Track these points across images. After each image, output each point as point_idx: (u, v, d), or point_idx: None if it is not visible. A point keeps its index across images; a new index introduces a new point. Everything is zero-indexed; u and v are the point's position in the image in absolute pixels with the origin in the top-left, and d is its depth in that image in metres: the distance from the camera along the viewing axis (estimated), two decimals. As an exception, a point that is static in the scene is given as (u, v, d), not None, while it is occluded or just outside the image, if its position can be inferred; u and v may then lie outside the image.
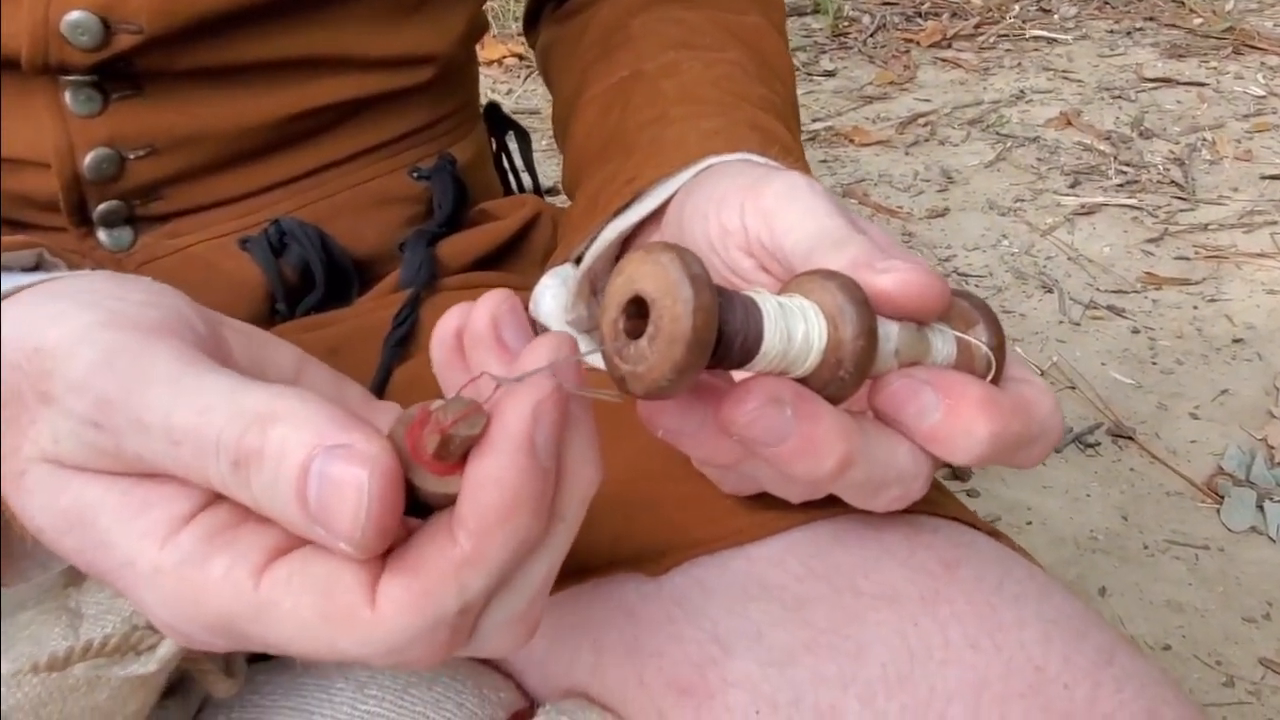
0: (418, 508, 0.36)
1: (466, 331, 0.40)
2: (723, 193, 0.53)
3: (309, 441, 0.34)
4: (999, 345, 0.45)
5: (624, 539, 0.56)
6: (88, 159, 0.65)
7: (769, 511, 0.55)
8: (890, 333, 0.43)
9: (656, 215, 0.61)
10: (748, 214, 0.51)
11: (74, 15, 0.60)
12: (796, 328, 0.40)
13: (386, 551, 0.36)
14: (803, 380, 0.41)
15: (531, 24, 0.89)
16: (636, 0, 0.76)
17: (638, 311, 0.38)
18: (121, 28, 0.61)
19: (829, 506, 0.54)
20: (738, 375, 0.42)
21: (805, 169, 0.61)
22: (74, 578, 0.49)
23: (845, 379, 0.41)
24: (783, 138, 0.63)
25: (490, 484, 0.34)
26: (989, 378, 0.45)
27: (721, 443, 0.42)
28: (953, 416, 0.43)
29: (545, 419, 0.35)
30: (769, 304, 0.40)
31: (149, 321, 0.39)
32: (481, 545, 0.35)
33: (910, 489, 0.45)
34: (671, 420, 0.42)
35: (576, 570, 0.56)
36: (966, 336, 0.45)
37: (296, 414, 0.35)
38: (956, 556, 0.53)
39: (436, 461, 0.35)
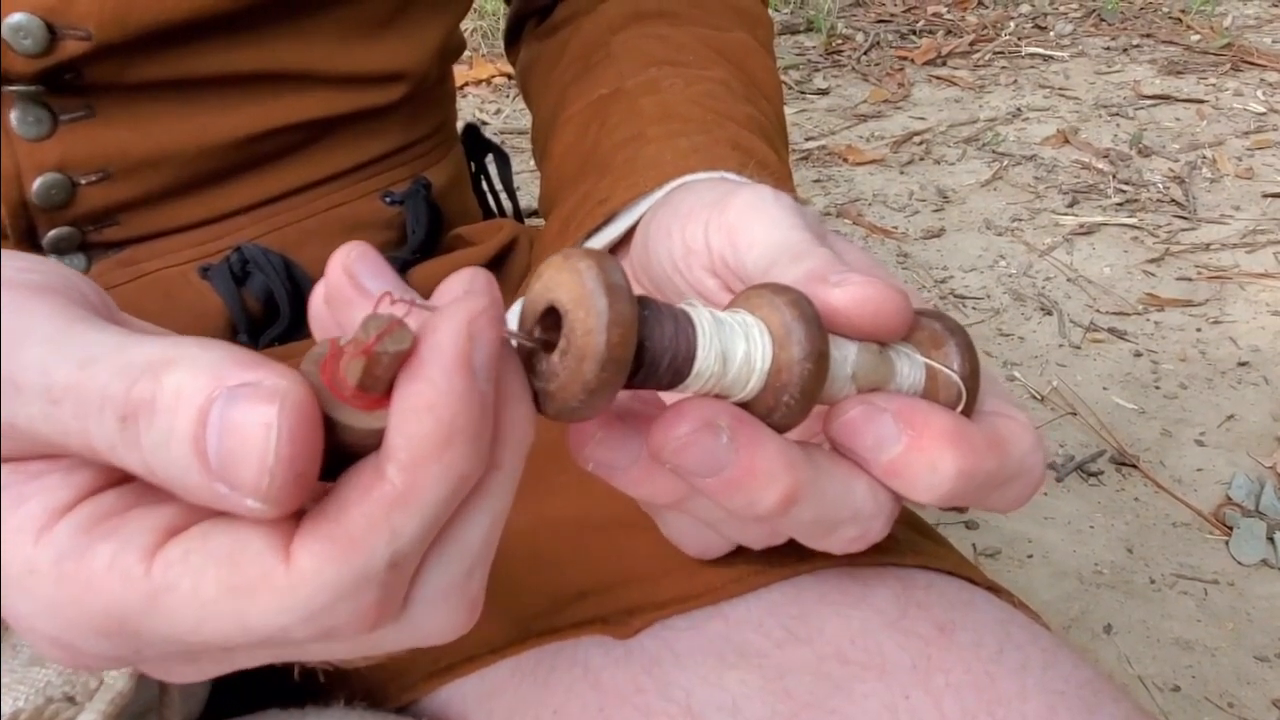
0: (337, 464, 0.32)
1: (327, 296, 0.35)
2: (689, 209, 0.50)
3: (207, 386, 0.29)
4: (972, 373, 0.41)
5: (590, 595, 0.54)
6: (35, 184, 0.62)
7: (747, 565, 0.52)
8: (847, 355, 0.40)
9: (629, 236, 0.58)
10: (711, 231, 0.48)
11: (16, 18, 0.57)
12: (736, 347, 0.37)
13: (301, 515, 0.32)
14: (745, 405, 0.38)
15: (512, 42, 0.88)
16: (619, 17, 0.75)
17: (555, 323, 0.34)
18: (68, 33, 0.58)
19: (812, 559, 0.52)
20: (672, 399, 0.38)
21: (789, 189, 0.58)
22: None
23: (791, 405, 0.37)
24: (765, 156, 0.60)
25: (424, 409, 0.30)
26: (959, 408, 0.41)
27: (659, 478, 0.39)
28: (915, 449, 0.39)
29: (482, 336, 0.31)
30: (704, 319, 0.37)
31: (29, 283, 0.34)
32: (415, 480, 0.30)
33: (869, 529, 0.41)
34: (601, 452, 0.39)
35: (539, 630, 0.54)
36: (935, 363, 0.41)
37: (194, 359, 0.30)
38: (952, 618, 0.51)
39: (360, 394, 0.31)
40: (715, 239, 0.47)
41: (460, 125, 0.88)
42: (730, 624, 0.51)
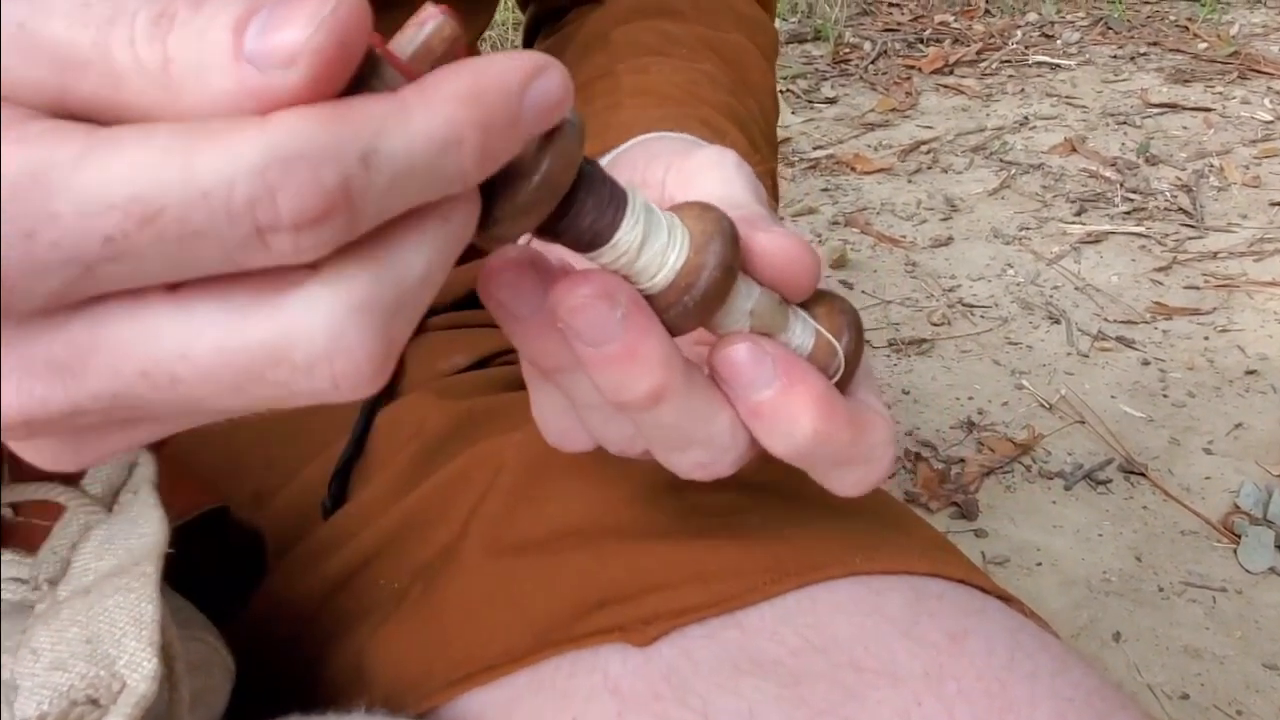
0: None
1: None
2: (656, 151, 0.53)
3: None
4: (855, 351, 0.44)
5: (608, 604, 0.54)
6: None
7: (762, 574, 0.53)
8: (752, 291, 0.42)
9: None
10: (671, 172, 0.50)
11: None
12: (658, 235, 0.39)
13: None
14: (647, 298, 0.40)
15: (528, 47, 0.90)
16: (622, 11, 0.77)
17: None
18: None
19: (825, 568, 0.53)
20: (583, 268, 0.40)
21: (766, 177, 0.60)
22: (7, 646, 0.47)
23: (689, 306, 0.39)
24: (735, 140, 0.62)
25: (467, 72, 0.30)
26: (835, 380, 0.44)
27: (549, 339, 0.40)
28: (783, 399, 0.41)
29: (543, 89, 0.32)
30: (638, 201, 0.39)
31: None
32: (428, 104, 0.29)
33: (718, 460, 0.43)
34: (506, 294, 0.40)
35: (557, 639, 0.54)
36: (825, 332, 0.44)
37: None
38: (964, 627, 0.51)
39: (412, 64, 0.31)
40: (671, 180, 0.49)
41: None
42: (746, 632, 0.52)
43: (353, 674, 0.60)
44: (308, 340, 0.29)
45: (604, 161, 0.59)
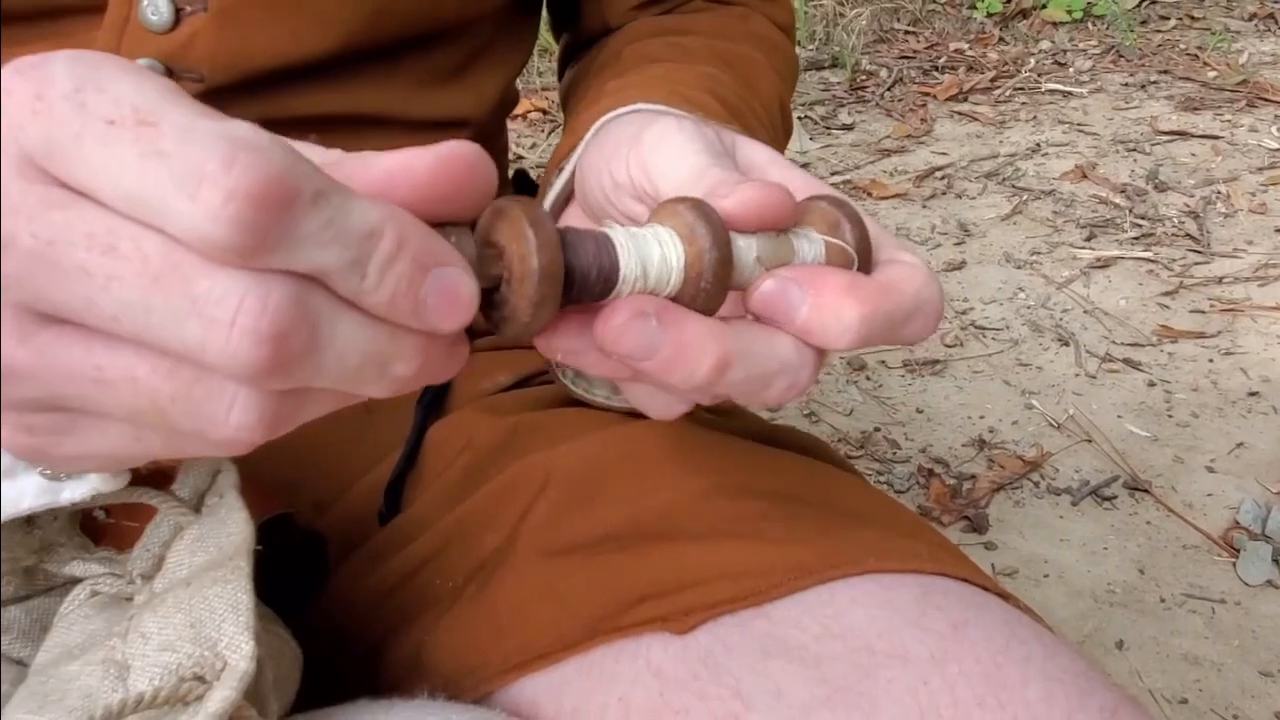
0: None
1: None
2: (612, 146, 0.55)
3: None
4: (860, 237, 0.46)
5: (649, 598, 0.58)
6: None
7: (787, 572, 0.57)
8: (750, 243, 0.45)
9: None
10: (631, 165, 0.52)
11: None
12: (652, 252, 0.42)
13: None
14: (675, 300, 0.43)
15: (562, 75, 0.90)
16: (639, 31, 0.78)
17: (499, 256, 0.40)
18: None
19: (843, 566, 0.56)
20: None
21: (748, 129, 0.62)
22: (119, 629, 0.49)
23: (709, 289, 0.42)
24: (705, 104, 0.63)
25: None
26: (855, 268, 0.46)
27: (610, 364, 0.44)
28: (820, 306, 0.43)
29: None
30: (620, 235, 0.42)
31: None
32: (384, 220, 0.34)
33: (799, 378, 0.45)
34: (563, 341, 0.43)
35: (604, 629, 0.58)
36: (829, 238, 0.46)
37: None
38: (965, 618, 0.54)
39: None
40: (634, 173, 0.52)
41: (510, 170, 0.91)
42: (773, 622, 0.55)
43: (412, 664, 0.63)
44: (221, 416, 0.34)
45: (575, 155, 0.61)
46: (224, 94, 0.64)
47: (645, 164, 0.51)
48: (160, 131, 0.31)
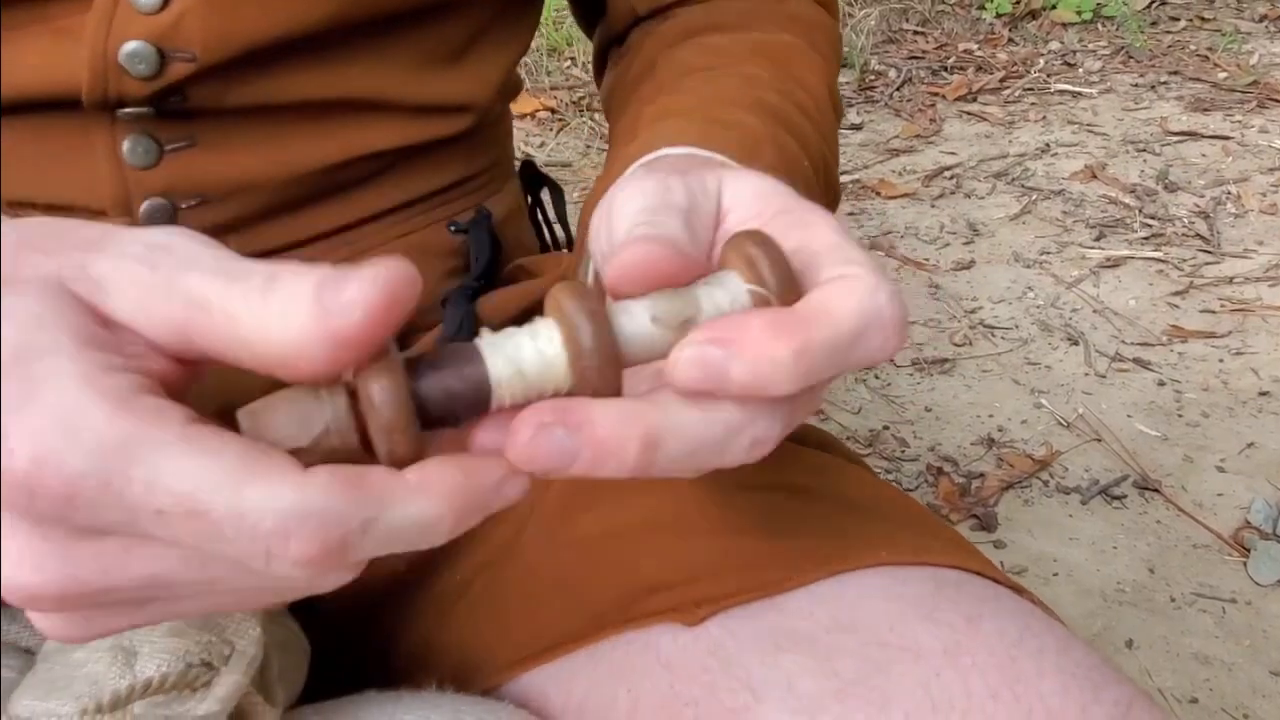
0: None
1: None
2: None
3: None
4: (775, 263, 0.41)
5: (660, 589, 0.58)
6: (143, 208, 0.65)
7: (799, 563, 0.56)
8: (642, 306, 0.41)
9: None
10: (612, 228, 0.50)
11: (132, 45, 0.61)
12: (522, 350, 0.39)
13: None
14: (574, 392, 0.39)
15: (600, 71, 0.88)
16: (671, 34, 0.76)
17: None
18: (176, 55, 0.62)
19: (852, 559, 0.56)
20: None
21: (764, 154, 0.59)
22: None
23: (602, 369, 0.38)
24: (739, 122, 0.61)
25: (459, 470, 0.37)
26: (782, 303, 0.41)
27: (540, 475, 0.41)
28: (746, 358, 0.38)
29: (514, 488, 0.38)
30: (484, 342, 0.39)
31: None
32: (425, 493, 0.36)
33: (760, 433, 0.40)
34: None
35: (614, 621, 0.57)
36: (743, 280, 0.42)
37: None
38: (979, 611, 0.54)
39: None
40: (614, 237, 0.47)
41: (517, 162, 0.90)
42: (784, 614, 0.55)
43: (420, 657, 0.64)
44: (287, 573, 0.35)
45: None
46: (218, 74, 0.64)
47: (612, 232, 0.47)
48: (213, 521, 0.34)
